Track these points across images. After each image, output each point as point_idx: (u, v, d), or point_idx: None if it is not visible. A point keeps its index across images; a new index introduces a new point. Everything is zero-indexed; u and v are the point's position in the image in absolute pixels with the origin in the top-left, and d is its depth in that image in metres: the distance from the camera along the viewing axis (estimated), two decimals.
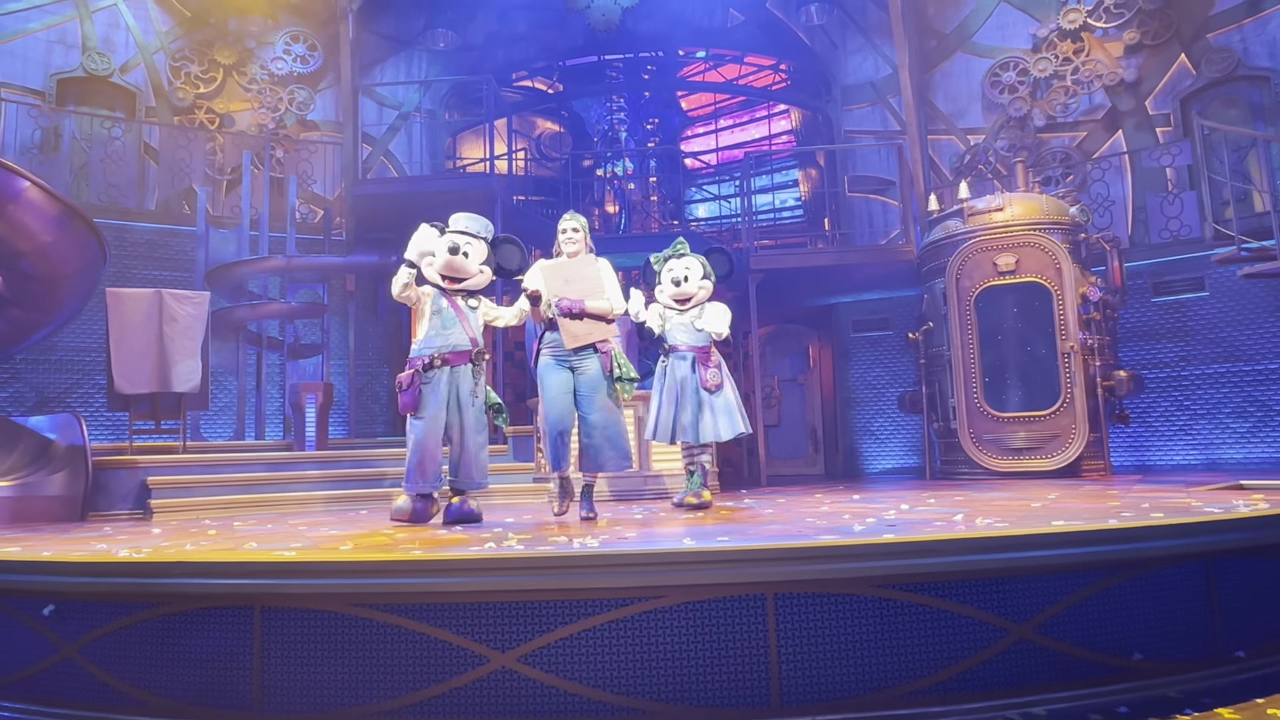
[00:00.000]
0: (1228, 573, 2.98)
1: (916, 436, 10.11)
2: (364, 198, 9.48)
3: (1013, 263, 7.77)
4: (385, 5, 11.15)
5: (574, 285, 4.61)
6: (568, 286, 4.60)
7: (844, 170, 11.10)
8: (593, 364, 4.56)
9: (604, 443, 4.51)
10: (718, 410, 5.13)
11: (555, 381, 4.58)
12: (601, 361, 4.56)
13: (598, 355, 4.57)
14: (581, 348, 4.56)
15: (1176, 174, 9.09)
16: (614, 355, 4.57)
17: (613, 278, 4.74)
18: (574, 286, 4.60)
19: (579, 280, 4.63)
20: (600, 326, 4.60)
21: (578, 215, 4.87)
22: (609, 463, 4.53)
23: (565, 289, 4.59)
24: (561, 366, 4.60)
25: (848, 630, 2.67)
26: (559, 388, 4.57)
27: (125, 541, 3.95)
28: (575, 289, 4.60)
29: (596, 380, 4.54)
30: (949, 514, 3.92)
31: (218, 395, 9.09)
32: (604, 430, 4.51)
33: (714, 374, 5.15)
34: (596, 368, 4.55)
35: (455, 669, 2.65)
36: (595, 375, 4.54)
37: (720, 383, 5.17)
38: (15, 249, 6.12)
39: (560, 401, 4.57)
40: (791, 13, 11.37)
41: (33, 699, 3.00)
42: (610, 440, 4.52)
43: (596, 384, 4.54)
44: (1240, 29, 8.98)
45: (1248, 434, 8.44)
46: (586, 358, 4.58)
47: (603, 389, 4.54)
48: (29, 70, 9.63)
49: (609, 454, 4.52)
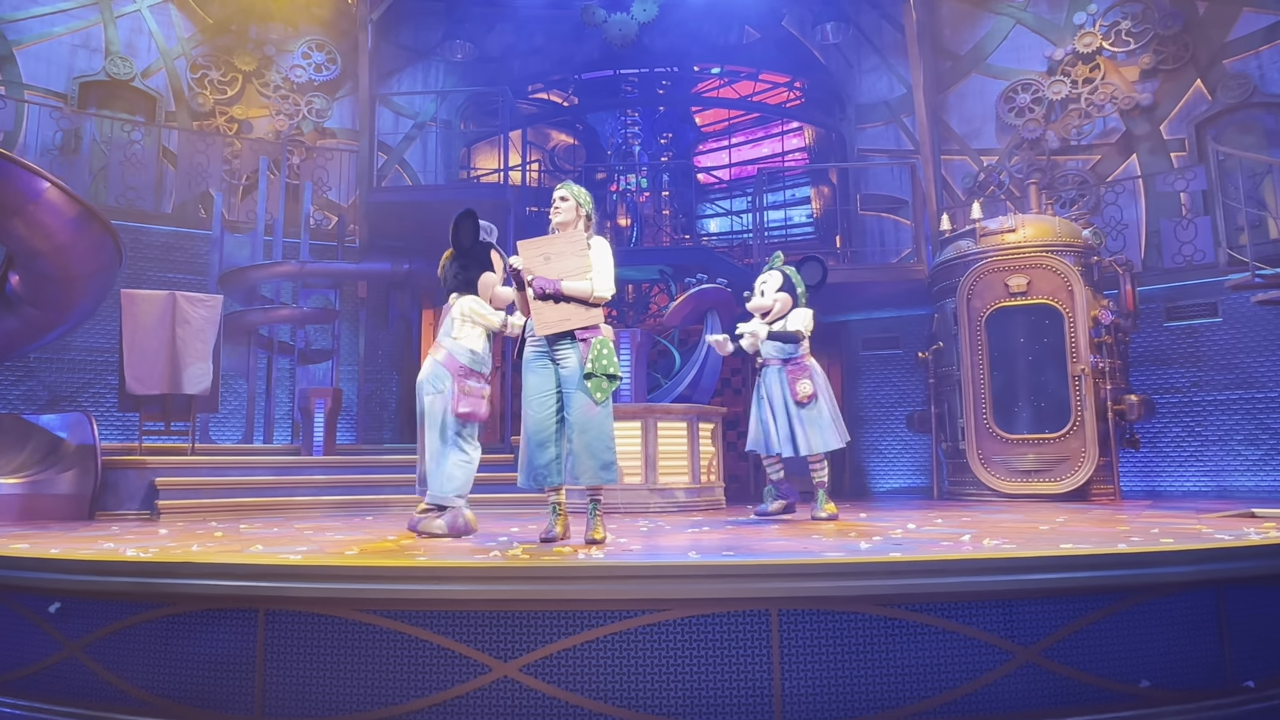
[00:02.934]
0: (1238, 601, 2.94)
1: (924, 456, 10.05)
2: (378, 205, 9.55)
3: (1024, 284, 7.75)
4: (404, 16, 11.27)
5: (554, 264, 3.95)
6: (547, 265, 3.96)
7: (856, 188, 11.12)
8: (573, 357, 3.93)
9: (581, 450, 3.84)
10: (808, 422, 5.20)
11: (534, 380, 3.99)
12: (579, 352, 3.92)
13: (578, 345, 3.93)
14: (559, 337, 3.94)
15: (1191, 199, 9.06)
16: (594, 345, 3.90)
17: (604, 258, 4.03)
18: (554, 265, 3.95)
19: (560, 258, 3.97)
20: (580, 312, 3.94)
21: (573, 184, 4.22)
22: (584, 474, 3.85)
23: (544, 267, 3.95)
24: (542, 361, 4.00)
25: (852, 649, 2.65)
26: (537, 386, 3.97)
27: (132, 541, 3.96)
28: (555, 267, 3.94)
29: (574, 375, 3.91)
30: (956, 534, 3.89)
31: (227, 398, 9.13)
32: (581, 435, 3.85)
33: (804, 385, 5.21)
34: (577, 360, 3.92)
35: (457, 677, 2.65)
36: (574, 369, 3.92)
37: (812, 393, 5.21)
38: (33, 248, 6.19)
39: (540, 404, 3.95)
40: (807, 31, 11.43)
41: (36, 696, 3.01)
42: (588, 448, 3.84)
43: (574, 379, 3.91)
44: (1257, 55, 8.97)
45: (1259, 461, 8.37)
46: (566, 349, 3.95)
47: (581, 386, 3.89)
48: (52, 73, 9.76)
49: (585, 463, 3.84)
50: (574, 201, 4.13)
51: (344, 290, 10.00)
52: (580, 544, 3.77)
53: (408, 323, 10.45)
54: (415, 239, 9.65)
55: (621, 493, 6.93)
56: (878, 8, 11.02)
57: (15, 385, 8.72)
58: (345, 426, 9.66)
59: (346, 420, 9.71)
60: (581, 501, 4.27)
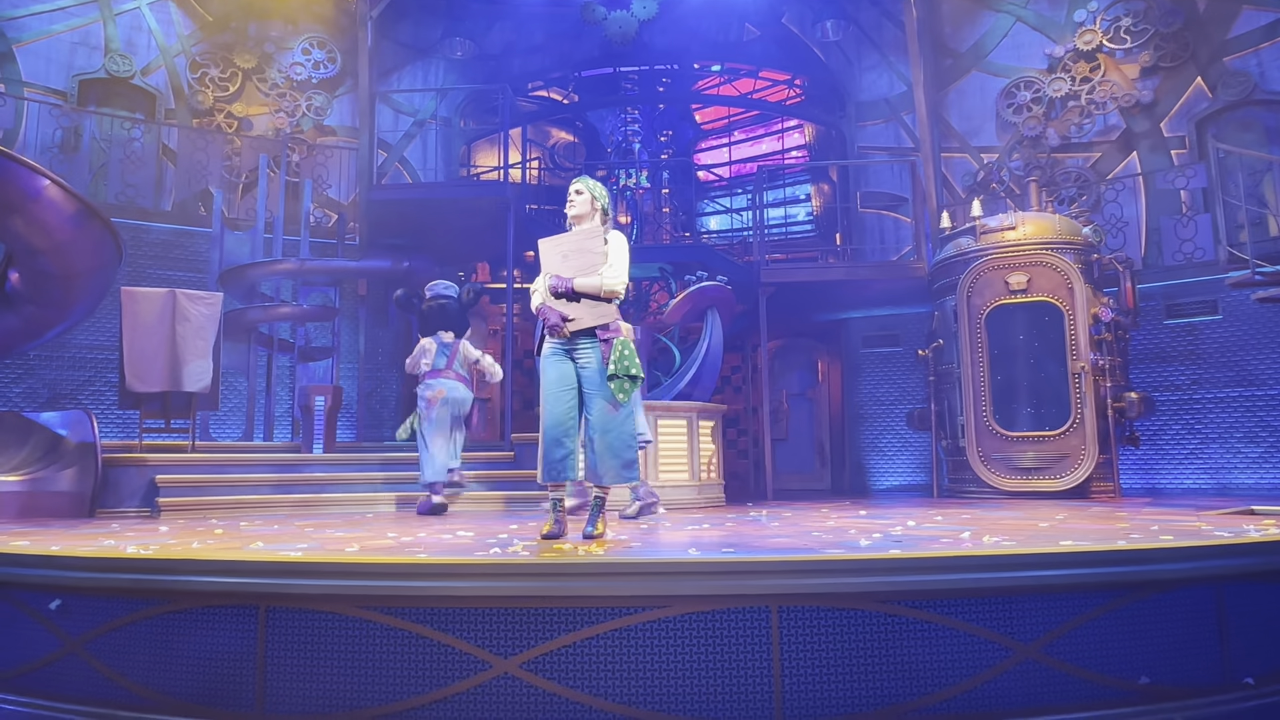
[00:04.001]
0: (1238, 598, 2.95)
1: (924, 454, 10.06)
2: (378, 203, 9.54)
3: (1024, 282, 7.75)
4: (404, 13, 11.25)
5: (571, 261, 3.94)
6: (565, 263, 3.94)
7: (856, 186, 11.11)
8: (593, 356, 3.89)
9: (604, 451, 3.84)
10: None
11: (554, 376, 3.93)
12: (601, 352, 3.87)
13: (598, 344, 3.89)
14: (578, 334, 3.90)
15: (1191, 196, 9.05)
16: (616, 346, 3.83)
17: (619, 252, 3.97)
18: (571, 262, 3.94)
19: (577, 255, 3.95)
20: (597, 309, 3.90)
21: (589, 178, 4.17)
22: (607, 474, 3.86)
23: (562, 265, 3.94)
24: (562, 358, 3.95)
25: (852, 646, 2.65)
26: (558, 383, 3.92)
27: (133, 538, 3.96)
28: (572, 264, 3.93)
29: (595, 375, 3.87)
30: (956, 531, 3.90)
31: (227, 396, 9.13)
32: (603, 435, 3.85)
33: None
34: (597, 360, 3.87)
35: (458, 674, 2.65)
36: (595, 369, 3.87)
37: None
38: (33, 246, 6.19)
39: (558, 400, 3.90)
40: (807, 29, 11.42)
41: (36, 692, 3.01)
42: (610, 448, 3.84)
43: (595, 380, 3.86)
44: (1257, 53, 8.96)
45: (1259, 459, 8.37)
46: (586, 348, 3.91)
47: (602, 386, 3.85)
48: (52, 70, 9.75)
49: (608, 463, 3.85)
50: (589, 195, 4.07)
51: (344, 288, 9.99)
52: (580, 540, 3.77)
53: (407, 321, 10.45)
54: (415, 237, 9.64)
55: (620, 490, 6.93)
56: (878, 5, 11.00)
57: (16, 383, 8.72)
58: (345, 424, 9.66)
59: (346, 418, 9.72)
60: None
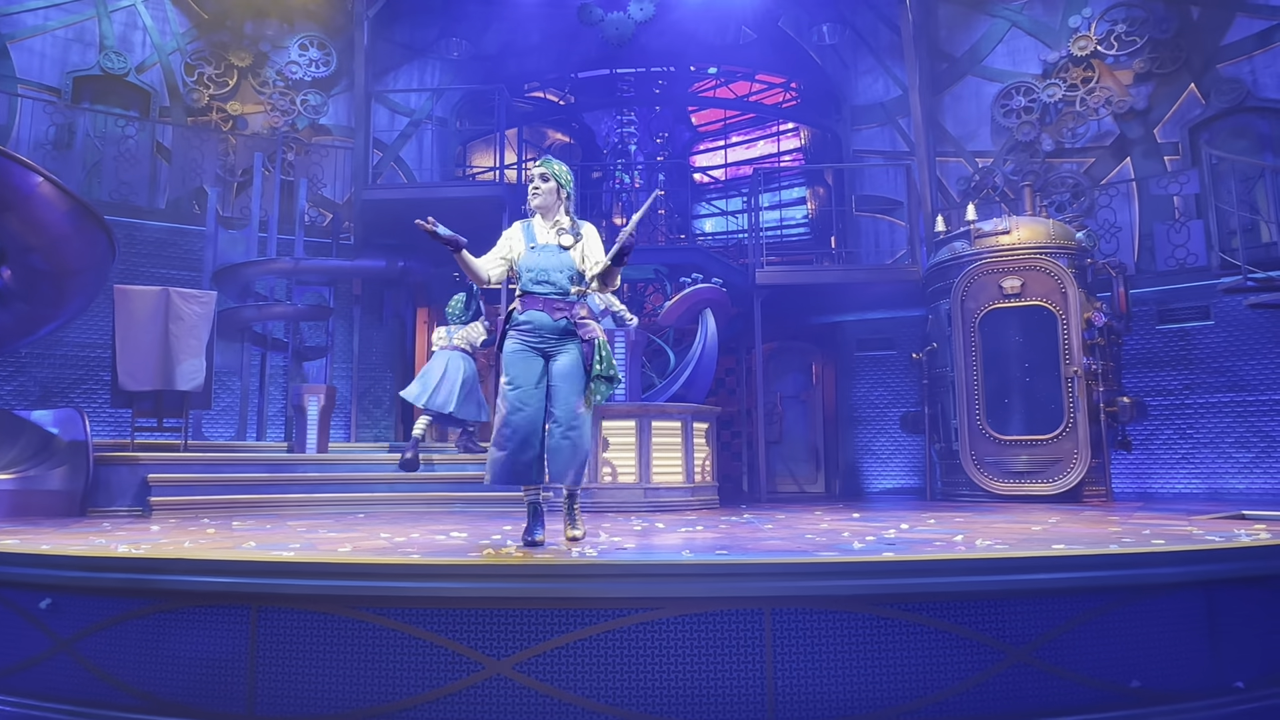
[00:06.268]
0: (1228, 602, 2.96)
1: (918, 457, 10.08)
2: (373, 203, 9.53)
3: (1018, 286, 7.78)
4: (401, 13, 11.24)
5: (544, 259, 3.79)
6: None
7: (852, 189, 11.13)
8: (574, 352, 3.70)
9: (567, 448, 3.63)
10: None
11: (521, 373, 3.66)
12: (582, 351, 3.70)
13: (577, 343, 3.72)
14: (560, 332, 3.75)
15: (1184, 202, 9.10)
16: (599, 347, 3.67)
17: (595, 241, 3.83)
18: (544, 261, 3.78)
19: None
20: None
21: (552, 161, 3.87)
22: (569, 474, 3.65)
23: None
24: (529, 354, 3.70)
25: (845, 648, 2.65)
26: (529, 380, 3.66)
27: (124, 537, 3.95)
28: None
29: (572, 371, 3.67)
30: (949, 535, 3.91)
31: (220, 395, 9.10)
32: (569, 432, 3.63)
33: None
34: (575, 357, 3.70)
35: (450, 675, 2.64)
36: (572, 365, 3.68)
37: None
38: (26, 243, 6.16)
39: (529, 397, 3.64)
40: (803, 32, 11.44)
41: (26, 692, 2.99)
42: (575, 445, 3.63)
43: (571, 375, 3.67)
44: (1250, 60, 9.01)
45: (1250, 464, 8.41)
46: (565, 345, 3.73)
47: (577, 383, 3.66)
48: (46, 67, 9.71)
49: (569, 462, 3.64)
50: (554, 182, 3.80)
51: (338, 287, 9.97)
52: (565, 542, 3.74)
53: (402, 320, 10.43)
54: (410, 237, 9.51)
55: (615, 492, 6.94)
56: (874, 9, 11.03)
57: (7, 381, 8.67)
58: (339, 424, 9.63)
59: (340, 418, 9.69)
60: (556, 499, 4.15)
